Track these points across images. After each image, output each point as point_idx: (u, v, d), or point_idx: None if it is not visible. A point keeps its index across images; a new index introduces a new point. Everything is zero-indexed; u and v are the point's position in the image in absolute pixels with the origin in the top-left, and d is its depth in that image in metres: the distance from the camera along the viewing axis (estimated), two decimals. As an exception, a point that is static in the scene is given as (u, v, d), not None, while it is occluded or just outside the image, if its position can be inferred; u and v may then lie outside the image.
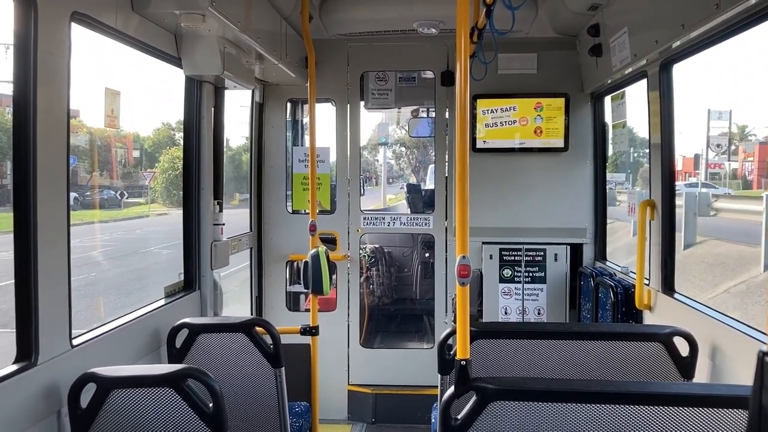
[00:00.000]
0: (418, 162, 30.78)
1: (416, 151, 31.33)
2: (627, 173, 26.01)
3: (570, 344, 3.63)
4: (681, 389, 2.78)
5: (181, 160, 5.03)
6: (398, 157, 33.41)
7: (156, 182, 17.45)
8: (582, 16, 5.46)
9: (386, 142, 20.54)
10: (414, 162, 31.88)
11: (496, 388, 2.53)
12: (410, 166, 32.49)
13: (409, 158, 33.36)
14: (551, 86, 6.35)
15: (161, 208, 18.04)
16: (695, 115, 40.43)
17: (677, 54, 4.19)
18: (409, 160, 33.26)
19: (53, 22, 2.97)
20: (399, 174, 31.92)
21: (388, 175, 26.66)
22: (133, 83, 8.16)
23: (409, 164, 32.53)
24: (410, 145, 30.98)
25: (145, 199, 18.69)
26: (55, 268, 3.05)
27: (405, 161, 34.04)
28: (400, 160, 33.65)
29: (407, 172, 31.72)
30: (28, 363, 2.87)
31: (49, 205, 2.97)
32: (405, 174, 31.63)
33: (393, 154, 31.73)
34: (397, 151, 32.74)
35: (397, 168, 32.23)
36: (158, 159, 17.25)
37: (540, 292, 6.33)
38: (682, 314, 4.15)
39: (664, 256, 4.51)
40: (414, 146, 30.79)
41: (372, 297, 8.77)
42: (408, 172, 31.65)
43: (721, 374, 3.59)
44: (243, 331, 4.10)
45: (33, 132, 2.84)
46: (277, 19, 5.42)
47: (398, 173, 31.96)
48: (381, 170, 24.96)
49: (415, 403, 6.45)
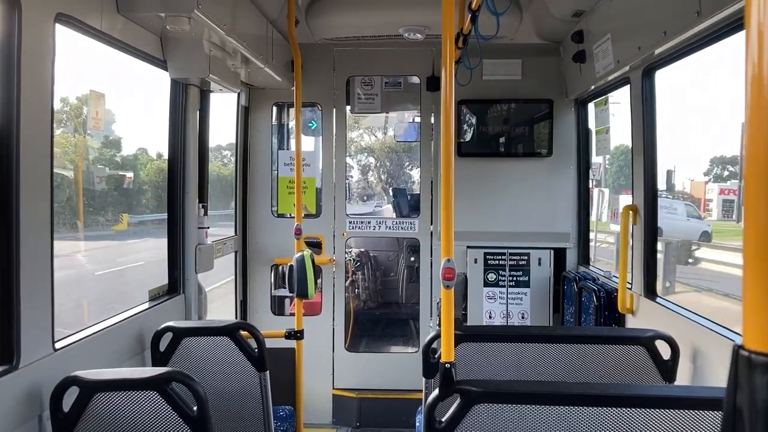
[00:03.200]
0: (390, 177, 22.48)
1: (388, 163, 23.13)
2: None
3: (553, 348, 3.66)
4: (662, 392, 2.81)
5: (166, 163, 5.00)
6: (365, 170, 23.99)
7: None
8: (566, 22, 5.52)
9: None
10: (385, 177, 23.18)
11: (479, 391, 2.54)
12: (380, 183, 23.51)
13: (379, 172, 23.91)
14: (535, 92, 6.41)
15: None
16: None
17: (659, 61, 4.25)
18: (379, 174, 23.92)
19: (37, 24, 2.95)
20: (369, 192, 23.45)
21: (361, 192, 22.32)
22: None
23: (380, 180, 23.60)
24: (380, 154, 23.24)
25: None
26: (38, 270, 3.02)
27: (374, 176, 23.94)
28: (368, 173, 24.13)
29: (377, 188, 23.18)
30: (9, 366, 2.83)
31: (32, 207, 2.94)
32: (374, 191, 23.27)
33: (358, 166, 22.96)
34: (364, 163, 23.79)
35: (364, 184, 23.48)
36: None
37: (524, 296, 6.37)
38: (664, 318, 4.20)
39: (646, 260, 4.57)
40: (386, 155, 22.98)
41: (357, 301, 8.78)
42: (377, 189, 22.95)
43: (702, 377, 3.64)
44: (227, 334, 4.08)
45: (16, 134, 2.82)
46: (263, 23, 5.42)
47: (366, 191, 23.50)
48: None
49: (400, 407, 6.45)
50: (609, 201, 14.71)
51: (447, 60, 2.66)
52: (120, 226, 12.10)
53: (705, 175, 26.83)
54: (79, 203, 9.42)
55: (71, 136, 9.11)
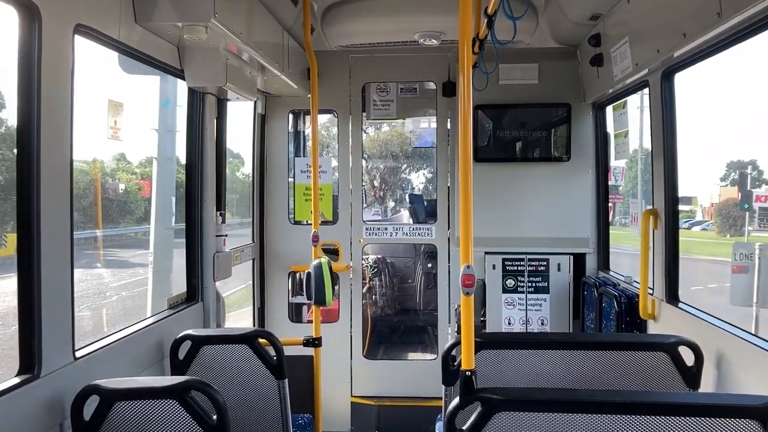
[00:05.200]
0: (385, 184, 19.53)
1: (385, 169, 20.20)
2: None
3: (574, 354, 3.62)
4: (687, 399, 2.76)
5: (184, 171, 5.03)
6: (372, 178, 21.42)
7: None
8: (583, 26, 5.48)
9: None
10: (379, 184, 19.95)
11: (501, 399, 2.51)
12: (373, 189, 20.40)
13: (372, 181, 21.05)
14: (553, 96, 6.37)
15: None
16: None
17: (679, 63, 4.20)
18: (371, 182, 21.03)
19: (57, 35, 2.98)
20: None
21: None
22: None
23: (372, 187, 20.45)
24: (374, 157, 20.04)
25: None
26: (58, 281, 3.04)
27: (367, 184, 19.82)
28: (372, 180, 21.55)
29: (369, 198, 18.49)
30: (31, 375, 2.86)
31: (52, 217, 2.97)
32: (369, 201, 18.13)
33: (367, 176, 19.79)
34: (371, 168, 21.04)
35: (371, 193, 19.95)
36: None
37: (543, 302, 6.31)
38: (687, 324, 4.13)
39: (667, 265, 4.50)
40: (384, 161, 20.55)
41: (375, 308, 8.75)
42: (370, 200, 19.18)
43: (726, 384, 3.57)
44: (246, 342, 4.09)
45: (37, 144, 2.84)
46: (279, 31, 5.45)
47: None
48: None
49: (419, 415, 6.41)
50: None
51: (465, 65, 2.65)
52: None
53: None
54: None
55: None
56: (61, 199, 3.07)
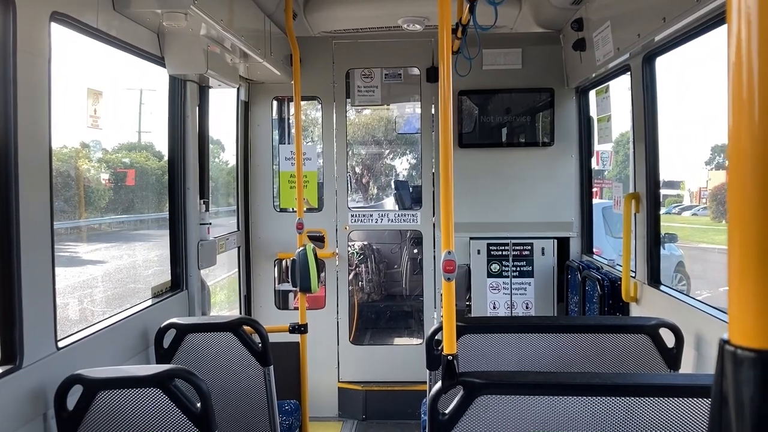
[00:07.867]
0: (368, 170, 17.78)
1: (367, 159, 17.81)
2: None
3: (557, 337, 3.65)
4: (667, 380, 2.80)
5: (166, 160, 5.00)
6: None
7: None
8: (565, 10, 5.49)
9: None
10: (361, 170, 17.64)
11: (482, 382, 2.54)
12: (355, 176, 17.48)
13: (354, 167, 16.96)
14: (536, 81, 6.38)
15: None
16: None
17: (659, 47, 4.22)
18: (353, 169, 16.92)
19: (32, 23, 2.94)
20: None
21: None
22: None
23: (354, 174, 16.85)
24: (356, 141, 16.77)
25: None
26: (40, 269, 3.03)
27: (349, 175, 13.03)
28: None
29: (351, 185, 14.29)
30: (12, 366, 2.84)
31: (31, 205, 2.94)
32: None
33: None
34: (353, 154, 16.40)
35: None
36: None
37: (528, 286, 6.36)
38: (668, 306, 4.19)
39: (649, 248, 4.55)
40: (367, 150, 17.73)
41: (361, 294, 8.78)
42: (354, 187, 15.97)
43: (706, 364, 3.63)
44: (231, 330, 4.09)
45: (14, 134, 2.81)
46: (261, 17, 5.40)
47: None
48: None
49: (406, 399, 6.46)
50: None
51: (444, 51, 2.64)
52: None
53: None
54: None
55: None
56: (40, 189, 3.04)
